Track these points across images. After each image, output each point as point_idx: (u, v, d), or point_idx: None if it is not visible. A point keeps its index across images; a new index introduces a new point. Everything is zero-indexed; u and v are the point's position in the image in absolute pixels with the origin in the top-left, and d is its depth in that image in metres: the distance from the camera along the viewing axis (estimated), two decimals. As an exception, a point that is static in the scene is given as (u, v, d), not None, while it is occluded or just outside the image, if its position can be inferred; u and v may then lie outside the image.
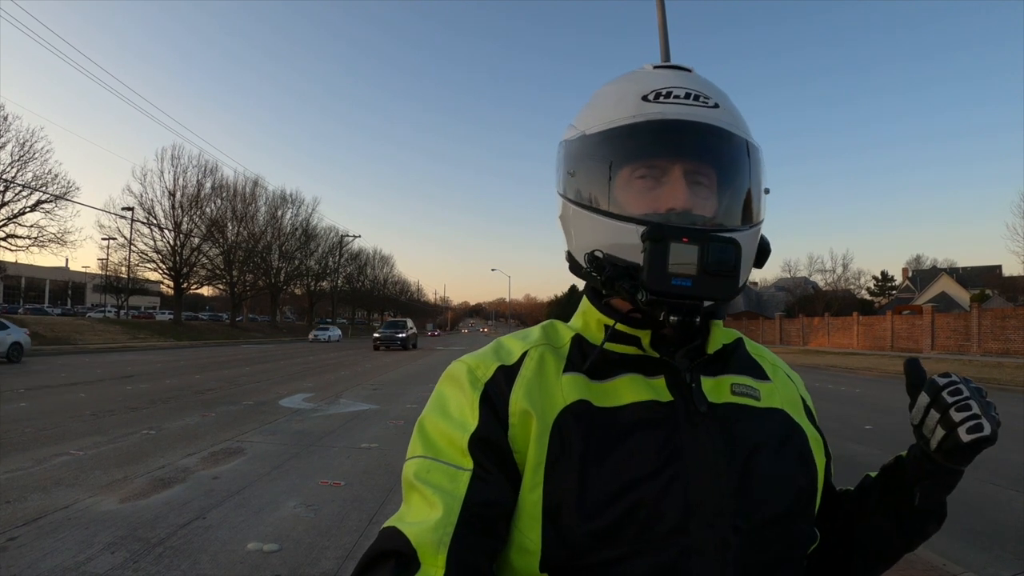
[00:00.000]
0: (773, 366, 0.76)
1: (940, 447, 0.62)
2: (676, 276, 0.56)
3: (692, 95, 0.65)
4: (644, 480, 0.58)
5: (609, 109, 0.67)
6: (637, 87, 0.66)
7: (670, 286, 0.57)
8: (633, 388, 0.64)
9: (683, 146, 0.63)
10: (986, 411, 0.60)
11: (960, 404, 0.61)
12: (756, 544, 0.59)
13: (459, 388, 0.65)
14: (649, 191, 0.63)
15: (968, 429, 0.60)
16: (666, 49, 8.02)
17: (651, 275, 0.57)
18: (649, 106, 0.64)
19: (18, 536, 3.59)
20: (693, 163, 0.63)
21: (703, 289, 0.57)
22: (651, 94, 0.65)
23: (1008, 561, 3.49)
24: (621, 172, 0.64)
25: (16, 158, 26.42)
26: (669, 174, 0.63)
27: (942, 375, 0.65)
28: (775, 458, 0.64)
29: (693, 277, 0.57)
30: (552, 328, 0.73)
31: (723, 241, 0.58)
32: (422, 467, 0.61)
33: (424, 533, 0.55)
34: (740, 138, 0.66)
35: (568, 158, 0.70)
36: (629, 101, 0.65)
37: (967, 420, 0.60)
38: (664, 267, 0.56)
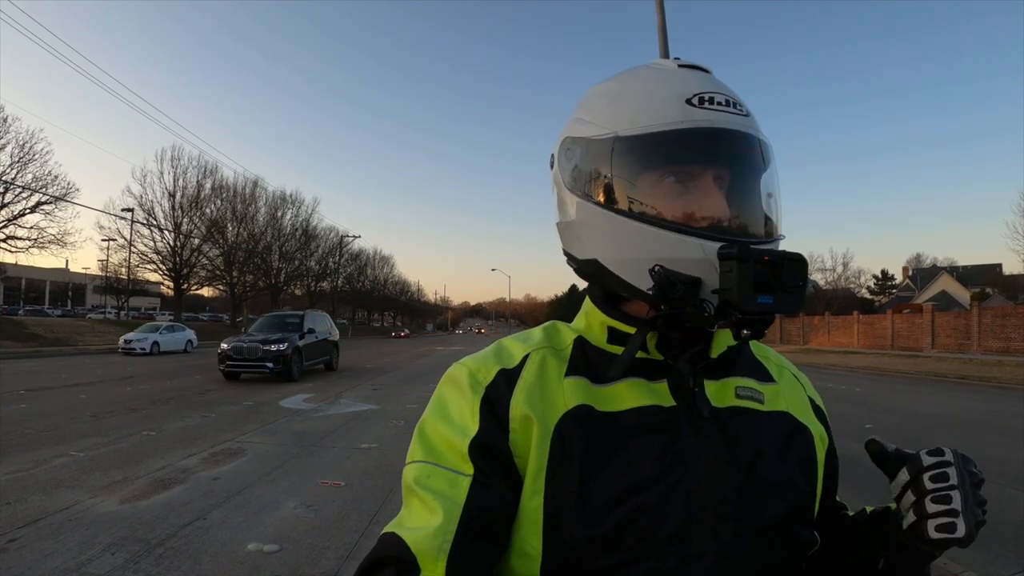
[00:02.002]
0: (779, 367, 0.75)
1: (910, 532, 0.59)
2: (763, 294, 0.56)
3: (730, 102, 0.63)
4: (646, 486, 0.58)
5: (648, 110, 0.62)
6: (674, 88, 0.63)
7: (757, 304, 0.56)
8: (635, 392, 0.63)
9: (724, 153, 0.62)
10: (968, 506, 0.56)
11: (939, 495, 0.56)
12: (757, 549, 0.59)
13: (460, 392, 0.64)
14: (679, 195, 0.61)
15: (938, 526, 0.55)
16: (665, 49, 8.01)
17: (741, 295, 0.56)
18: (695, 111, 0.61)
19: (19, 537, 3.59)
20: (741, 173, 0.63)
21: (783, 306, 0.56)
22: (694, 98, 0.62)
23: (1009, 560, 3.49)
24: (665, 178, 0.62)
25: (16, 160, 26.47)
26: (701, 179, 0.61)
27: (933, 451, 0.59)
28: (778, 463, 0.63)
29: (774, 294, 0.56)
30: (554, 330, 0.72)
31: (795, 258, 0.57)
32: (422, 472, 0.60)
33: (424, 539, 0.55)
34: (770, 147, 0.65)
35: (595, 158, 0.65)
36: (671, 103, 0.62)
37: (940, 515, 0.56)
38: (751, 286, 0.56)
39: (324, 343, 15.46)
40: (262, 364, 12.76)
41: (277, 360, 12.85)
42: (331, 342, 16.08)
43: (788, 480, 0.63)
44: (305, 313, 15.43)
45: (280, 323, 14.90)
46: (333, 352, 16.21)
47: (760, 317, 0.58)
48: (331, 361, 16.02)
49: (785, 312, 0.58)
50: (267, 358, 12.78)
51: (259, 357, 12.77)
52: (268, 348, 12.88)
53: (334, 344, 16.29)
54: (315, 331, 14.91)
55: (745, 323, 0.58)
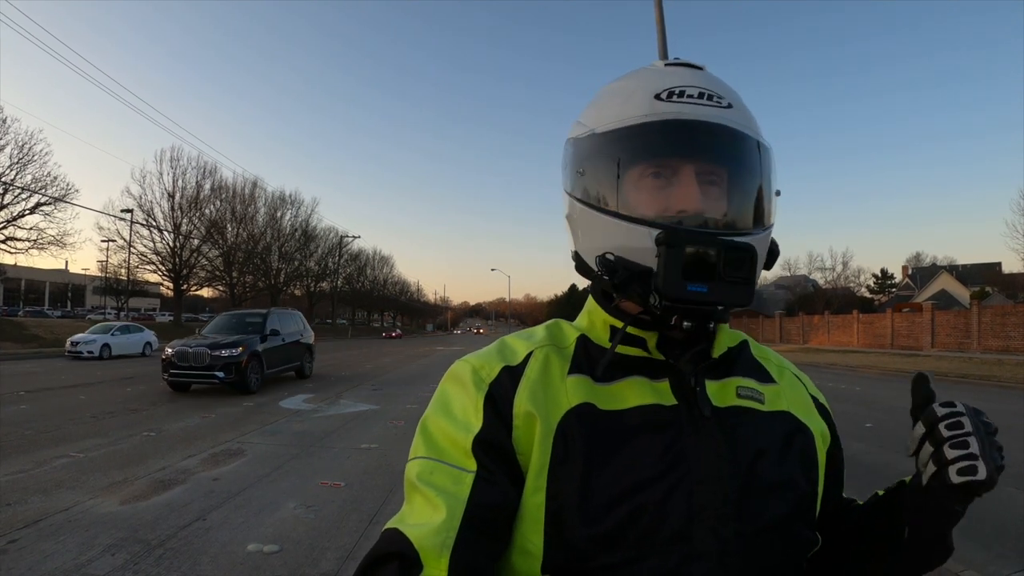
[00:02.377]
0: (779, 367, 0.75)
1: (931, 483, 0.58)
2: (692, 282, 0.55)
3: (706, 94, 0.63)
4: (647, 484, 0.58)
5: (620, 107, 0.65)
6: (649, 85, 0.65)
7: (686, 292, 0.56)
8: (638, 391, 0.63)
9: (696, 146, 0.62)
10: (987, 451, 0.55)
11: (956, 440, 0.56)
12: (758, 549, 0.59)
13: (463, 388, 0.65)
14: (660, 191, 0.62)
15: (960, 470, 0.55)
16: (664, 50, 8.01)
17: (667, 281, 0.56)
18: (662, 105, 0.62)
19: (19, 538, 3.59)
20: (706, 164, 0.62)
21: (719, 295, 0.56)
22: (664, 92, 0.63)
23: (1010, 559, 3.49)
24: (632, 171, 0.63)
25: (15, 160, 26.42)
26: (681, 174, 0.61)
27: (945, 403, 0.59)
28: (778, 463, 0.63)
29: (709, 283, 0.56)
30: (557, 328, 0.72)
31: (739, 248, 0.57)
32: (425, 468, 0.60)
33: (427, 536, 0.55)
34: (752, 139, 0.64)
35: (577, 156, 0.69)
36: (641, 99, 0.64)
37: (960, 459, 0.55)
38: (680, 273, 0.55)
39: (293, 347, 13.23)
40: (210, 373, 10.45)
41: (229, 368, 10.52)
42: (303, 345, 13.89)
43: (789, 480, 0.63)
44: (269, 312, 13.00)
45: (238, 324, 12.47)
46: (305, 357, 14.01)
47: (693, 307, 0.57)
48: (303, 367, 13.77)
49: (723, 303, 0.57)
50: (216, 366, 10.46)
51: (207, 365, 10.44)
52: (218, 354, 10.51)
53: (307, 348, 14.12)
54: (280, 333, 12.57)
55: (684, 313, 0.58)
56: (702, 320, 0.59)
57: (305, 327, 14.50)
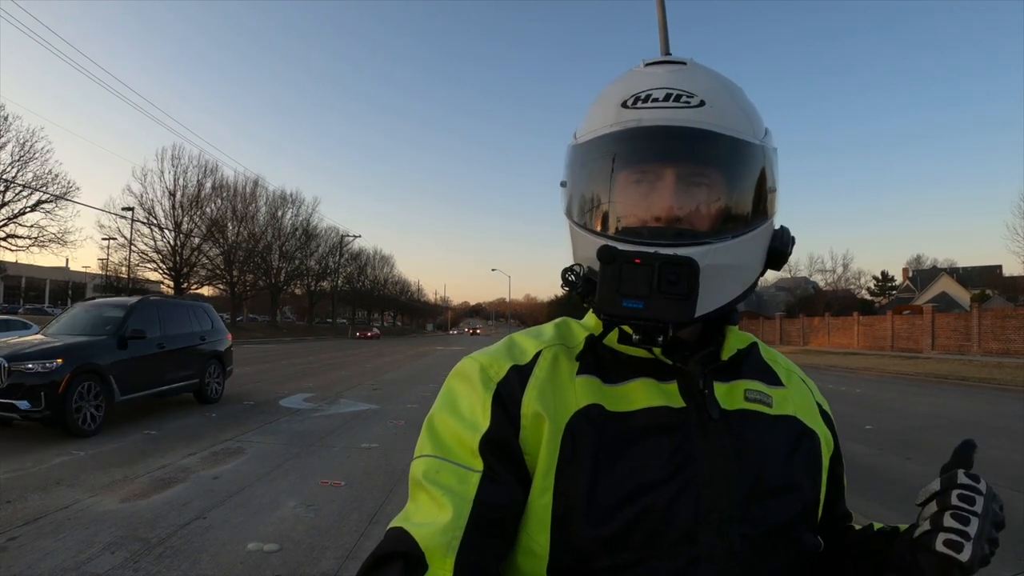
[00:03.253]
0: (787, 371, 0.75)
1: (919, 541, 0.58)
2: (627, 298, 0.55)
3: (672, 95, 0.61)
4: (655, 486, 0.58)
5: (596, 117, 0.66)
6: (620, 92, 0.65)
7: (621, 308, 0.56)
8: (646, 393, 0.63)
9: (668, 149, 0.61)
10: (982, 537, 0.55)
11: (960, 514, 0.56)
12: (762, 552, 0.59)
13: (471, 387, 0.64)
14: (645, 197, 0.62)
15: (946, 541, 0.55)
16: (666, 45, 8.01)
17: (602, 296, 0.56)
18: (627, 113, 0.63)
19: (18, 536, 3.59)
20: (681, 166, 0.61)
21: (654, 311, 0.55)
22: (630, 99, 0.63)
23: (1009, 561, 3.48)
24: (620, 175, 0.63)
25: (16, 158, 26.46)
26: (662, 178, 0.62)
27: (971, 475, 0.59)
28: (784, 467, 0.63)
29: (645, 299, 0.55)
30: (566, 327, 0.72)
31: (676, 262, 0.55)
32: (431, 466, 0.60)
33: (433, 535, 0.54)
34: (727, 137, 0.61)
35: (565, 167, 0.70)
36: (610, 109, 0.65)
37: (953, 532, 0.55)
38: (616, 289, 0.56)
39: (183, 357, 8.77)
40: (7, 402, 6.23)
41: (35, 395, 6.27)
42: (205, 355, 9.36)
43: (794, 484, 0.63)
44: (136, 304, 8.39)
45: (93, 320, 8.12)
46: (210, 370, 9.43)
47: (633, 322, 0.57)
48: (204, 387, 9.19)
49: (659, 319, 0.56)
50: (17, 391, 6.28)
51: (3, 388, 6.29)
52: (23, 368, 6.37)
53: (212, 358, 9.55)
54: (152, 336, 8.17)
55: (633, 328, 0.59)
56: (648, 334, 0.59)
57: (214, 327, 9.99)
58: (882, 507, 4.50)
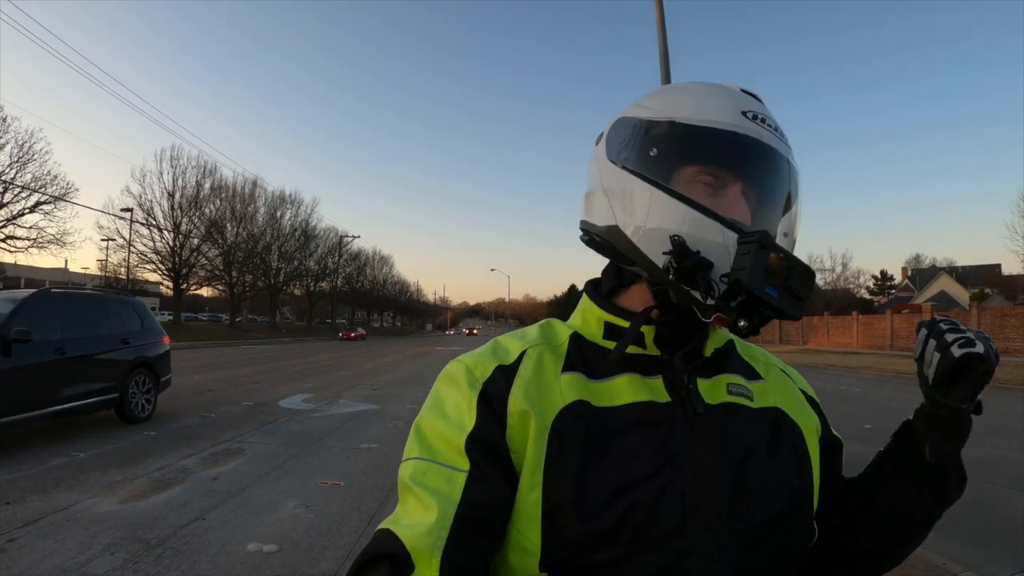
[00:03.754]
0: (766, 364, 0.76)
1: (937, 374, 0.61)
2: (770, 285, 0.58)
3: (776, 128, 0.67)
4: (642, 481, 0.59)
5: (707, 108, 0.66)
6: (734, 102, 0.67)
7: (764, 292, 0.57)
8: (631, 388, 0.64)
9: (761, 168, 0.65)
10: (981, 336, 0.61)
11: (953, 328, 0.61)
12: (752, 546, 0.60)
13: (456, 388, 0.65)
14: (709, 196, 0.63)
15: (960, 345, 0.59)
16: (664, 40, 8.02)
17: (753, 276, 0.57)
18: (748, 123, 0.65)
19: (18, 537, 3.59)
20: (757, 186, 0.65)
21: (785, 304, 0.58)
22: (750, 113, 0.66)
23: (1008, 560, 3.49)
24: (689, 168, 0.64)
25: (15, 159, 26.46)
26: (730, 187, 0.63)
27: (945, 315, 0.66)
28: (769, 460, 0.64)
29: (780, 291, 0.58)
30: (550, 327, 0.73)
31: (808, 269, 0.59)
32: (418, 469, 0.61)
33: (419, 536, 0.55)
34: (796, 171, 0.68)
35: (647, 136, 0.67)
36: (729, 110, 0.65)
37: (958, 340, 0.60)
38: (765, 272, 0.57)
39: (94, 365, 7.01)
40: None
41: None
42: (129, 361, 7.57)
43: (780, 477, 0.64)
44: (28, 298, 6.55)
45: None
46: (136, 381, 7.65)
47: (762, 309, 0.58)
48: (125, 401, 7.37)
49: (785, 313, 0.59)
50: None
51: None
52: None
53: (142, 364, 7.81)
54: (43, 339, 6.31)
55: (746, 312, 0.59)
56: (759, 324, 0.60)
57: (144, 328, 8.14)
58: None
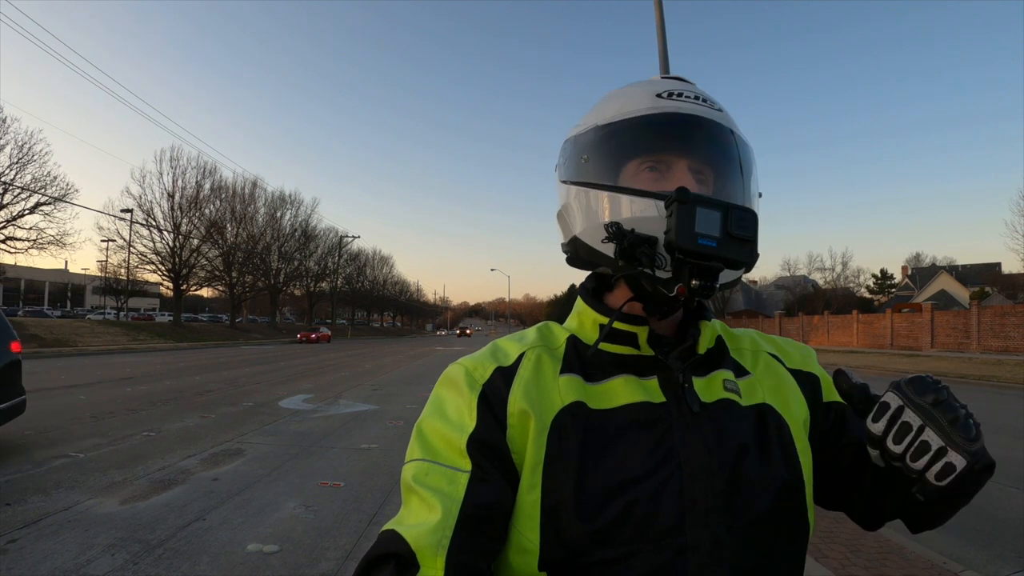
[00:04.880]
0: (754, 353, 0.75)
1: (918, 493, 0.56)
2: (702, 236, 0.58)
3: (701, 98, 0.68)
4: (639, 480, 0.59)
5: (622, 104, 0.69)
6: (650, 87, 0.69)
7: (697, 245, 0.58)
8: (627, 389, 0.65)
9: (695, 140, 0.66)
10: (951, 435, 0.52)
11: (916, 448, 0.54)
12: (749, 542, 0.60)
13: (456, 390, 0.66)
14: (655, 183, 0.64)
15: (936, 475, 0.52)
16: (663, 43, 8.03)
17: (679, 233, 0.58)
18: (663, 102, 0.67)
19: (18, 538, 3.58)
20: (700, 159, 0.66)
21: (727, 250, 0.59)
22: (664, 92, 0.68)
23: (1009, 559, 3.49)
24: (630, 164, 0.66)
25: (15, 160, 26.41)
26: (675, 168, 0.65)
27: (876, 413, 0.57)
28: (759, 456, 0.64)
29: (717, 239, 0.58)
30: (547, 330, 0.74)
31: (744, 208, 0.60)
32: (420, 470, 0.62)
33: (423, 536, 0.56)
34: (742, 140, 0.69)
35: (577, 148, 0.71)
36: (643, 97, 0.68)
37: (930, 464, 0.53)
38: (692, 227, 0.58)
39: None
40: None
41: None
42: None
43: (770, 473, 0.64)
44: None
45: None
46: None
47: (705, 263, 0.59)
48: None
49: (730, 258, 0.59)
50: None
51: None
52: None
53: None
54: None
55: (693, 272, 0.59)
56: (711, 278, 0.60)
57: None
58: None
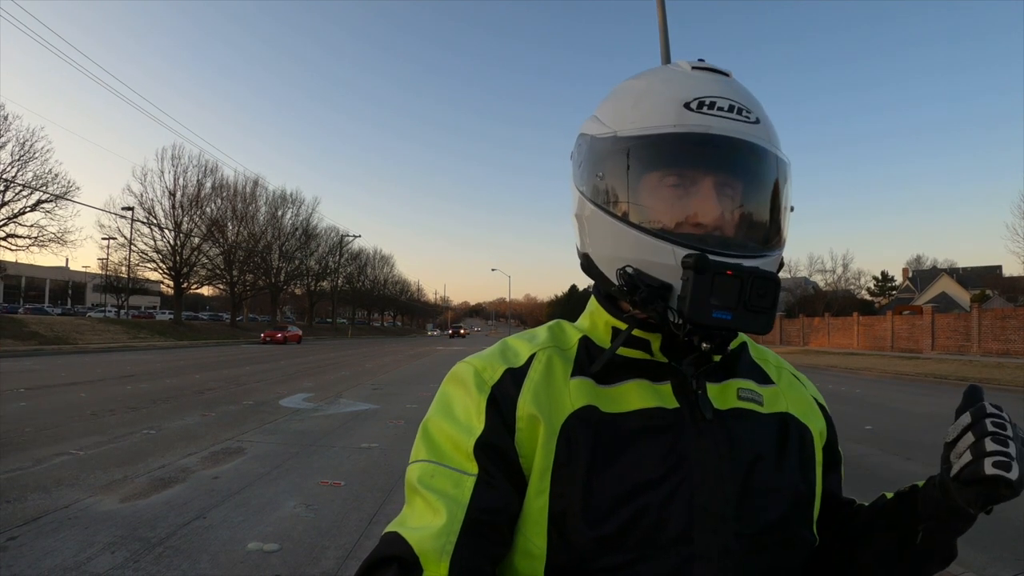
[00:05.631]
0: (778, 368, 0.75)
1: (960, 475, 0.55)
2: (717, 309, 0.55)
3: (736, 108, 0.62)
4: (649, 487, 0.58)
5: (646, 111, 0.63)
6: (677, 91, 0.63)
7: (711, 319, 0.55)
8: (639, 394, 0.63)
9: (722, 162, 0.61)
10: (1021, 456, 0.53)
11: (999, 437, 0.54)
12: (757, 550, 0.59)
13: (465, 390, 0.64)
14: (678, 200, 0.61)
15: (996, 463, 0.53)
16: (665, 43, 8.02)
17: (693, 306, 0.55)
18: (691, 116, 0.61)
19: (18, 536, 3.59)
20: (729, 179, 0.62)
21: (742, 323, 0.56)
22: (693, 102, 0.61)
23: (1008, 561, 3.48)
24: (652, 180, 0.62)
25: (16, 158, 26.50)
26: (700, 185, 0.61)
27: (995, 405, 0.58)
28: (777, 465, 0.63)
29: (733, 311, 0.56)
30: (559, 329, 0.72)
31: (765, 277, 0.57)
32: (426, 471, 0.60)
33: (427, 540, 0.55)
34: (776, 156, 0.63)
35: (595, 157, 0.66)
36: (669, 106, 0.62)
37: (998, 454, 0.53)
38: (707, 299, 0.55)
39: None
40: None
41: None
42: None
43: (786, 482, 0.63)
44: None
45: None
46: None
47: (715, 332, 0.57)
48: None
49: (745, 331, 0.57)
50: None
51: None
52: None
53: None
54: None
55: (704, 336, 0.58)
56: (722, 343, 0.59)
57: None
58: (882, 507, 4.50)
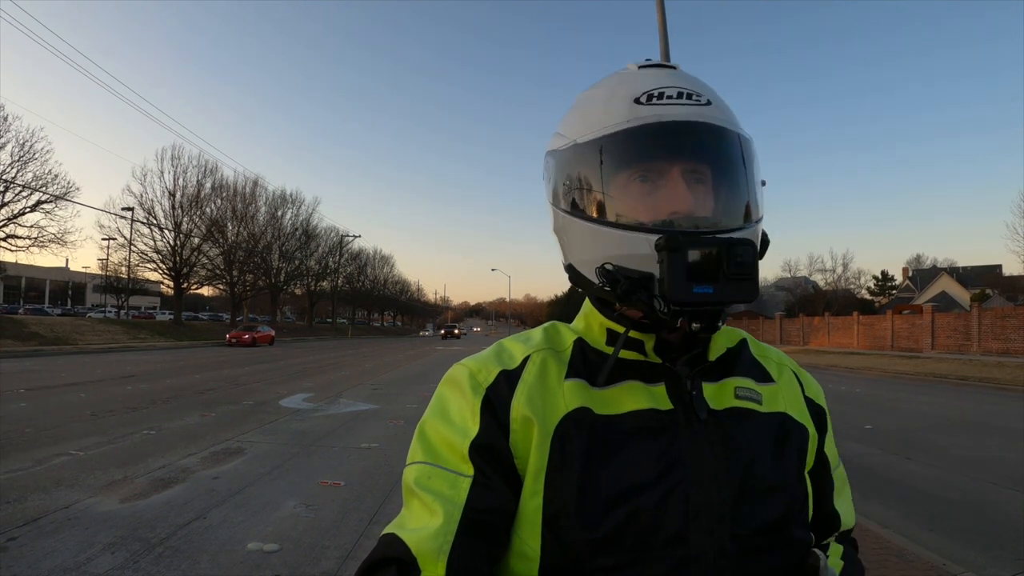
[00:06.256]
0: (779, 366, 0.75)
1: None
2: (697, 284, 0.55)
3: (684, 93, 0.63)
4: (644, 489, 0.58)
5: (600, 115, 0.64)
6: (626, 89, 0.64)
7: (692, 294, 0.55)
8: (633, 396, 0.63)
9: (681, 147, 0.62)
10: None
11: None
12: (753, 551, 0.59)
13: (460, 392, 0.65)
14: (649, 195, 0.61)
15: None
16: (665, 46, 8.02)
17: (672, 285, 0.55)
18: (642, 109, 0.62)
19: (18, 536, 3.59)
20: (692, 163, 0.62)
21: (725, 294, 0.56)
22: (643, 96, 0.63)
23: (1008, 561, 3.49)
24: (618, 177, 0.62)
25: (16, 158, 26.43)
26: (668, 176, 0.61)
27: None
28: (773, 465, 0.63)
29: (714, 283, 0.55)
30: (554, 331, 0.72)
31: (739, 243, 0.56)
32: (422, 473, 0.61)
33: (424, 541, 0.55)
34: (735, 133, 0.64)
35: (560, 168, 0.68)
36: (620, 105, 0.63)
37: None
38: (684, 276, 0.55)
39: None
40: None
41: None
42: None
43: (783, 482, 0.63)
44: None
45: None
46: None
47: (701, 308, 0.57)
48: None
49: (731, 301, 0.57)
50: None
51: None
52: None
53: None
54: None
55: (691, 316, 0.57)
56: (710, 320, 0.59)
57: None
58: (882, 507, 4.51)
